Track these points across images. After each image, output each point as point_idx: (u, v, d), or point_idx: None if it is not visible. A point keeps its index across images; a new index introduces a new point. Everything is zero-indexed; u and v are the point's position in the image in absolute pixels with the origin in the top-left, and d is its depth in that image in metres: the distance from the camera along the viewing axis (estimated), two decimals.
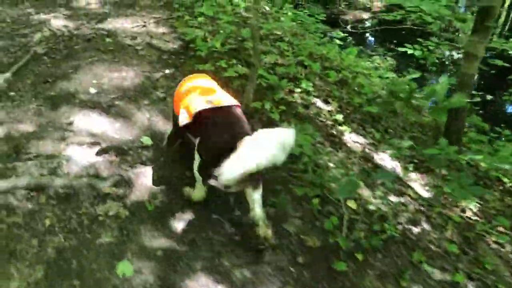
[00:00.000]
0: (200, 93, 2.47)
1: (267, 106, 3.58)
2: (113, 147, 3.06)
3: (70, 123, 3.24)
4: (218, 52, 4.27)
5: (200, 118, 2.33)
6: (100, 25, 4.81)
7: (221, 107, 2.35)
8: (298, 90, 4.04)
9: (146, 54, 4.29)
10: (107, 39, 4.50)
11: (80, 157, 2.88)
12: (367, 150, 3.67)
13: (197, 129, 2.36)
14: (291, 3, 8.27)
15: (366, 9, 10.74)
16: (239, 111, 2.42)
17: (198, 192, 2.54)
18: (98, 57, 4.16)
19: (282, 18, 5.98)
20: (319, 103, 4.13)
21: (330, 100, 4.27)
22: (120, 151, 3.02)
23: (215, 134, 2.24)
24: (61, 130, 3.14)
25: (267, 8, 6.50)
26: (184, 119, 2.43)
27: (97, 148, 3.03)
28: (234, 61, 4.10)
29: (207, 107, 2.33)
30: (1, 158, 2.78)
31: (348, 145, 3.66)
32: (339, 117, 3.87)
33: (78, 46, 4.34)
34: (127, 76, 3.91)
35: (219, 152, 2.06)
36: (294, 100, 3.94)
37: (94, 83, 3.76)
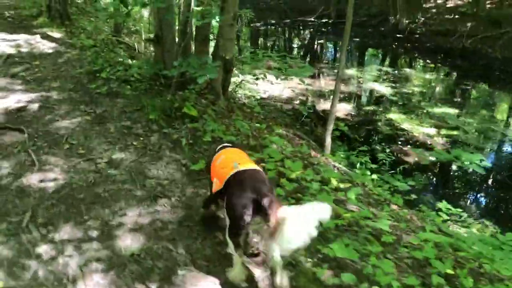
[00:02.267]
0: (230, 163, 2.63)
1: None
2: None
3: None
4: None
5: (228, 182, 2.49)
6: None
7: (245, 170, 2.51)
8: None
9: None
10: None
11: None
12: None
13: (225, 191, 2.48)
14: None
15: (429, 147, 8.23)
16: (262, 173, 2.56)
17: (235, 272, 2.46)
18: None
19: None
20: None
21: None
22: None
23: (239, 190, 2.35)
24: None
25: None
26: (217, 186, 2.61)
27: None
28: None
29: (233, 172, 2.49)
30: None
31: None
32: None
33: None
34: None
35: (243, 208, 2.25)
36: None
37: None
